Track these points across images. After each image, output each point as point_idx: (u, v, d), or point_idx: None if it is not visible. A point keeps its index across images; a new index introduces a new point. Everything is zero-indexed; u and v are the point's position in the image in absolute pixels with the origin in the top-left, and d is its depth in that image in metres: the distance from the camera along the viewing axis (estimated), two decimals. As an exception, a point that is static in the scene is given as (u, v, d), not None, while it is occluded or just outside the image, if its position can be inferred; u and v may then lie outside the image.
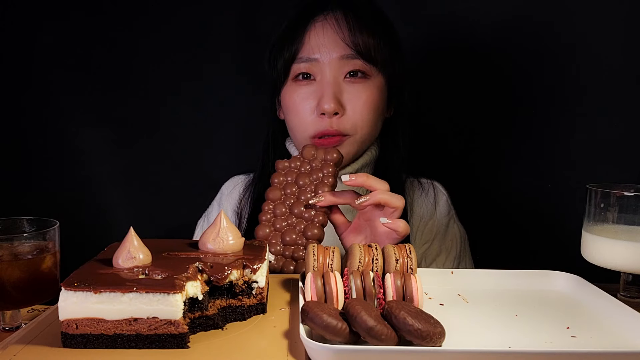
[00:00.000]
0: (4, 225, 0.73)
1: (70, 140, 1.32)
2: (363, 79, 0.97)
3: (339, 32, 0.94)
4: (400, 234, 0.81)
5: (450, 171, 1.24)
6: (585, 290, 0.76)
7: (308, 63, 0.96)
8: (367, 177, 0.82)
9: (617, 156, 1.25)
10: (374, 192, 0.81)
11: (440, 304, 0.73)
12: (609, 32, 1.22)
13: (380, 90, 0.99)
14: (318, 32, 0.96)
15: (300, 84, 0.98)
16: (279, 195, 0.87)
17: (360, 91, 0.96)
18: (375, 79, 0.98)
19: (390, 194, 0.81)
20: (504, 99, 1.29)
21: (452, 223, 1.08)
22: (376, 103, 0.98)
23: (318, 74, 0.96)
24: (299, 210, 0.86)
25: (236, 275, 0.65)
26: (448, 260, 1.04)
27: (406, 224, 0.81)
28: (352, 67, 0.95)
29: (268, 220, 0.86)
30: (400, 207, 0.81)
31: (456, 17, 1.28)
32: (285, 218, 0.86)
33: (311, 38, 0.96)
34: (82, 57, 1.30)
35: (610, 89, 1.23)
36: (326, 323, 0.56)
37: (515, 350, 0.55)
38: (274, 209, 0.87)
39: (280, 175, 0.88)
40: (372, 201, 0.80)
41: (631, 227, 0.79)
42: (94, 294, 0.57)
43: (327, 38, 0.95)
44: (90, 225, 1.32)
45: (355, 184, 0.81)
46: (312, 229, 0.84)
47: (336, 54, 0.95)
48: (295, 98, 0.98)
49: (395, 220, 0.80)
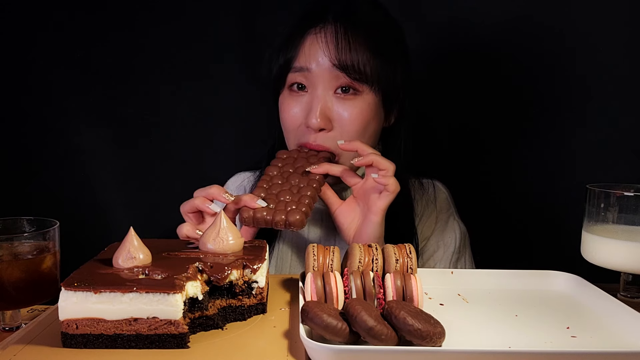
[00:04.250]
0: (4, 225, 0.73)
1: (70, 140, 1.32)
2: (353, 96, 0.94)
3: (329, 46, 0.92)
4: (389, 188, 0.84)
5: (451, 171, 1.24)
6: (585, 290, 0.76)
7: (301, 73, 0.95)
8: (361, 142, 0.87)
9: (617, 156, 1.25)
10: (366, 154, 0.85)
11: (440, 304, 0.73)
12: (611, 33, 1.22)
13: (372, 107, 0.95)
14: (312, 42, 0.94)
15: (294, 94, 0.97)
16: (276, 172, 0.89)
17: (349, 107, 0.93)
18: (366, 95, 0.94)
19: (382, 157, 0.85)
20: (504, 99, 1.29)
21: (451, 220, 1.07)
22: (366, 120, 0.95)
23: (310, 86, 0.95)
24: (294, 181, 0.87)
25: (236, 275, 0.65)
26: (446, 255, 1.04)
27: (396, 180, 0.84)
28: (342, 83, 0.93)
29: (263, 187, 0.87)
30: (392, 168, 0.85)
31: (457, 19, 1.28)
32: (280, 185, 0.87)
33: (305, 48, 0.94)
34: (82, 57, 1.30)
35: (610, 89, 1.23)
36: (326, 323, 0.56)
37: (515, 350, 0.55)
38: (271, 180, 0.88)
39: (280, 161, 0.91)
40: (365, 160, 0.85)
41: (631, 227, 0.79)
42: (94, 294, 0.57)
43: (319, 51, 0.93)
44: (90, 225, 1.31)
45: (350, 147, 0.87)
46: (306, 189, 0.85)
47: (326, 67, 0.93)
48: (286, 107, 0.97)
49: (385, 176, 0.84)
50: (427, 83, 1.27)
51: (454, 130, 1.32)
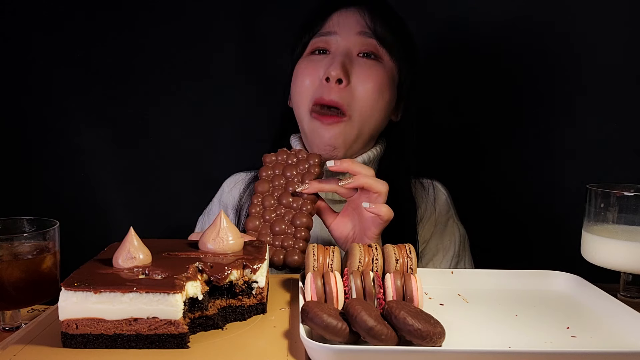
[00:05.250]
0: (4, 225, 0.73)
1: (70, 140, 1.32)
2: (375, 60, 0.98)
3: (361, 15, 0.98)
4: (383, 218, 0.81)
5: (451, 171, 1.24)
6: (585, 290, 0.76)
7: (326, 37, 0.99)
8: (351, 162, 0.83)
9: (617, 156, 1.25)
10: (357, 176, 0.82)
11: (440, 304, 0.73)
12: (610, 33, 1.22)
13: (390, 77, 0.99)
14: (341, 13, 1.00)
15: (314, 56, 1.00)
16: (267, 187, 0.88)
17: (370, 69, 0.97)
18: (386, 64, 0.99)
19: (374, 179, 0.82)
20: (504, 99, 1.29)
21: (451, 222, 1.07)
22: (383, 86, 0.98)
23: (333, 47, 0.99)
24: (287, 201, 0.86)
25: (236, 275, 0.65)
26: (445, 259, 1.04)
27: (389, 208, 0.81)
28: (367, 46, 0.98)
29: (257, 213, 0.86)
30: (384, 191, 0.82)
31: (457, 17, 1.28)
32: (274, 209, 0.86)
33: (333, 18, 1.00)
34: (82, 57, 1.30)
35: (610, 89, 1.23)
36: (326, 323, 0.56)
37: (515, 350, 0.55)
38: (263, 201, 0.87)
39: (268, 169, 0.89)
40: (355, 184, 0.81)
41: (631, 227, 0.79)
42: (94, 294, 0.57)
43: (348, 18, 0.99)
44: (90, 225, 1.31)
45: (339, 169, 0.83)
46: (300, 217, 0.84)
47: (354, 30, 0.98)
48: (305, 66, 1.00)
49: (377, 205, 0.81)
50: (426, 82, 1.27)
51: (454, 129, 1.32)
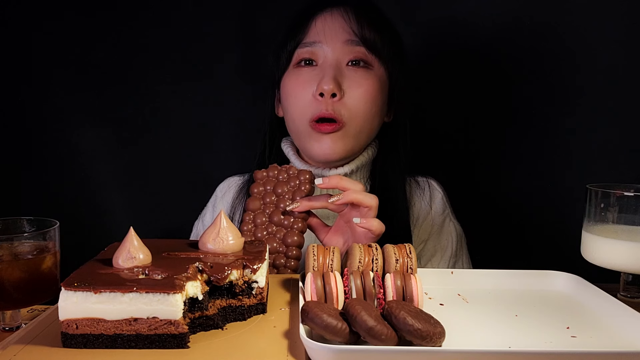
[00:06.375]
0: (4, 225, 0.73)
1: (70, 140, 1.32)
2: (365, 68, 0.97)
3: (346, 20, 0.95)
4: (374, 232, 0.81)
5: (450, 171, 1.24)
6: (585, 290, 0.76)
7: (311, 47, 0.96)
8: (340, 178, 0.83)
9: (617, 156, 1.25)
10: (346, 192, 0.81)
11: (440, 304, 0.73)
12: (609, 33, 1.22)
13: (381, 83, 0.98)
14: (325, 18, 0.97)
15: (301, 69, 0.98)
16: (258, 205, 0.87)
17: (361, 78, 0.96)
18: (377, 71, 0.98)
19: (364, 194, 0.81)
20: (503, 99, 1.29)
21: (447, 221, 1.07)
22: (376, 94, 0.97)
23: (320, 58, 0.96)
24: (278, 219, 0.86)
25: (236, 275, 0.65)
26: (443, 260, 1.04)
27: (380, 222, 0.81)
28: (355, 54, 0.96)
29: (249, 230, 0.87)
30: (374, 205, 0.81)
31: (455, 18, 1.28)
32: (265, 227, 0.86)
33: (317, 24, 0.97)
34: (81, 57, 1.30)
35: (610, 89, 1.23)
36: (326, 323, 0.56)
37: (515, 350, 0.55)
38: (254, 219, 0.87)
39: (259, 185, 0.89)
40: (345, 200, 0.81)
41: (631, 227, 0.79)
42: (94, 294, 0.57)
43: (333, 24, 0.96)
44: (90, 225, 1.31)
45: (328, 186, 0.83)
46: (291, 236, 0.85)
47: (340, 39, 0.95)
48: (295, 81, 0.98)
49: (368, 220, 0.80)
50: (424, 82, 1.27)
51: (454, 129, 1.32)
